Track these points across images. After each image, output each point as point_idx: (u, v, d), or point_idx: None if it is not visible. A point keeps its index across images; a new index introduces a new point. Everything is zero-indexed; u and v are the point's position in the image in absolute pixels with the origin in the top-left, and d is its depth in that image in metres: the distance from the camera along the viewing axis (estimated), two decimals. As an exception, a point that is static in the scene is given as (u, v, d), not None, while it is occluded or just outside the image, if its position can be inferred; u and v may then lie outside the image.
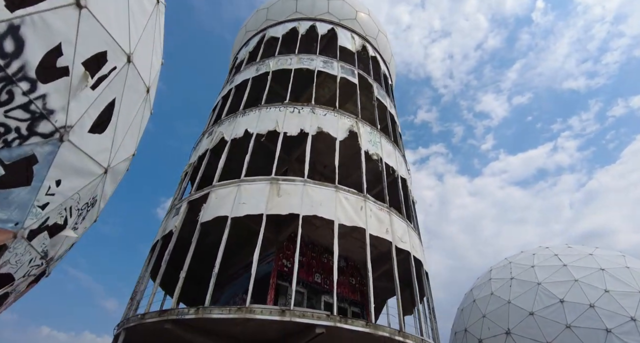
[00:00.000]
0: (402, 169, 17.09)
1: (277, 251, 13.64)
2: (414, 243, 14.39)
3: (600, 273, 19.15)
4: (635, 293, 17.76)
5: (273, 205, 11.58)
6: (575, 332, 16.93)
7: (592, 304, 17.45)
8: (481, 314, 20.83)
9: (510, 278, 21.22)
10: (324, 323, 9.32)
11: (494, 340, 19.31)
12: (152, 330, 10.91)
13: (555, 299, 18.35)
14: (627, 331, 16.45)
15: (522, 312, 18.82)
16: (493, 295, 21.10)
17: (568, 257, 21.14)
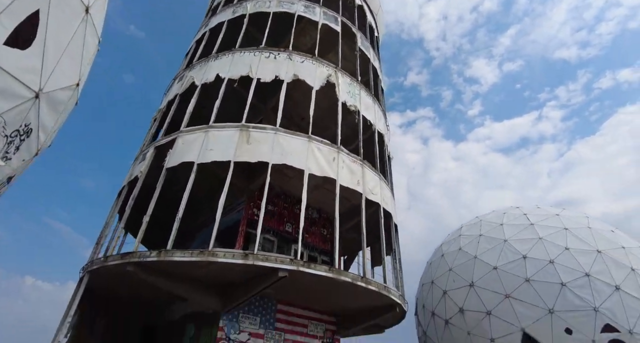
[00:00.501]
0: (380, 124, 16.75)
1: (248, 200, 13.47)
2: (385, 196, 14.40)
3: (563, 232, 19.84)
4: (593, 251, 18.55)
5: (242, 153, 11.22)
6: (533, 285, 17.77)
7: (552, 260, 18.21)
8: (448, 268, 21.62)
9: (479, 235, 21.86)
10: (287, 267, 9.36)
11: (457, 291, 20.20)
12: (115, 273, 10.84)
13: (518, 255, 19.07)
14: (580, 285, 17.34)
15: (486, 266, 19.57)
16: (461, 251, 21.81)
17: (536, 217, 21.76)
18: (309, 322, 13.78)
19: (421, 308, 23.71)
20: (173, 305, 15.35)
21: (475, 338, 18.65)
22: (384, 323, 16.49)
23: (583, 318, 16.67)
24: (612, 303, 16.88)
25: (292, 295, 12.69)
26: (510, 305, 17.86)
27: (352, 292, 11.59)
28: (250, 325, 11.97)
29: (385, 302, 12.61)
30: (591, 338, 16.32)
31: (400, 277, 14.78)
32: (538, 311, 17.24)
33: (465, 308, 19.37)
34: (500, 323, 17.89)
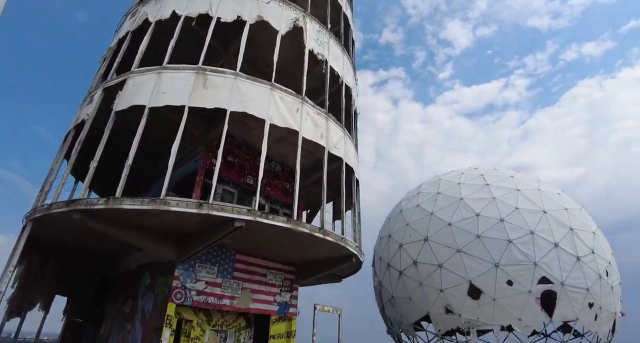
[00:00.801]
0: (348, 77, 16.19)
1: (206, 149, 12.89)
2: (349, 151, 14.26)
3: (515, 193, 20.85)
4: (539, 211, 19.74)
5: (197, 97, 10.48)
6: (483, 241, 18.84)
7: (502, 219, 19.25)
8: (405, 223, 22.43)
9: (437, 192, 22.59)
10: (244, 217, 9.16)
11: (412, 245, 21.14)
12: (61, 221, 10.25)
13: (472, 213, 19.98)
14: (524, 242, 18.58)
15: (441, 222, 20.44)
16: (419, 207, 22.56)
17: (492, 178, 22.65)
18: (267, 271, 13.97)
19: (378, 260, 24.79)
20: (129, 255, 15.03)
21: (426, 289, 19.86)
22: (341, 273, 17.09)
23: (523, 272, 18.05)
24: (550, 258, 18.31)
25: (251, 245, 12.67)
26: (461, 259, 18.96)
27: (311, 243, 11.70)
28: (208, 274, 11.94)
29: (342, 253, 12.90)
30: (528, 289, 17.80)
31: (359, 230, 15.10)
32: (485, 265, 18.44)
33: (419, 261, 20.40)
34: (450, 275, 19.07)
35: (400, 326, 22.25)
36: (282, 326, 14.14)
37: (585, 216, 21.57)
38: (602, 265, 19.50)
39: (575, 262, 18.49)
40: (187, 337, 12.33)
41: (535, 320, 18.03)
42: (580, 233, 19.51)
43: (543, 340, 23.52)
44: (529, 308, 17.73)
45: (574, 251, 18.70)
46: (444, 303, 19.20)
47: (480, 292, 18.37)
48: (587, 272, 18.56)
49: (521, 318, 17.77)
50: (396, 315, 22.43)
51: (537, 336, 23.61)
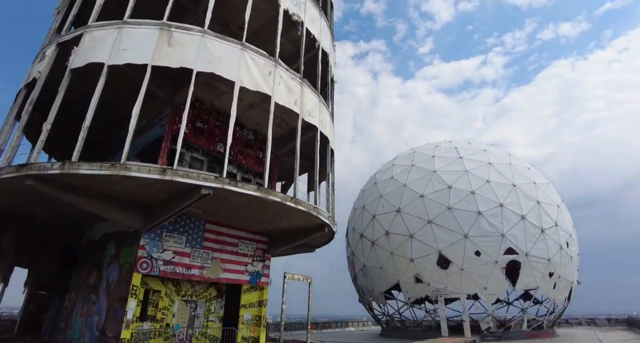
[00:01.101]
0: (325, 41, 15.50)
1: (173, 113, 12.15)
2: (324, 120, 13.84)
3: (487, 166, 21.18)
4: (509, 185, 20.18)
5: (161, 56, 9.68)
6: (454, 212, 19.19)
7: (473, 191, 19.58)
8: (379, 194, 22.54)
9: (411, 164, 22.68)
10: (211, 184, 8.72)
11: (385, 216, 21.34)
12: (12, 187, 9.50)
13: (444, 185, 20.21)
14: (493, 214, 19.05)
15: (414, 194, 20.62)
16: (392, 179, 22.65)
17: (465, 151, 22.88)
18: (239, 241, 13.71)
19: (351, 231, 25.03)
20: (94, 225, 14.38)
21: (397, 258, 20.26)
22: (314, 243, 17.07)
23: (491, 243, 18.61)
24: (517, 230, 18.91)
25: (222, 215, 12.29)
26: (431, 229, 19.31)
27: (283, 212, 11.45)
28: (176, 244, 11.55)
29: (315, 223, 12.75)
30: (495, 259, 18.42)
31: (332, 200, 14.96)
32: (454, 235, 18.87)
33: (391, 231, 20.68)
34: (421, 246, 19.45)
35: (371, 294, 22.82)
36: (253, 295, 14.08)
37: (551, 190, 22.31)
38: (563, 237, 20.38)
39: (540, 234, 19.21)
40: (155, 307, 12.06)
41: (500, 288, 18.82)
42: (546, 206, 20.18)
43: (505, 307, 24.80)
44: (494, 278, 18.44)
45: (539, 223, 19.39)
46: (413, 272, 19.70)
47: (449, 262, 18.90)
48: (549, 244, 19.36)
49: (487, 287, 18.50)
50: (367, 284, 22.94)
51: (500, 304, 24.87)
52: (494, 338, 18.09)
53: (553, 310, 20.97)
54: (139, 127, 13.70)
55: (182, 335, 12.60)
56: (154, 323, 11.87)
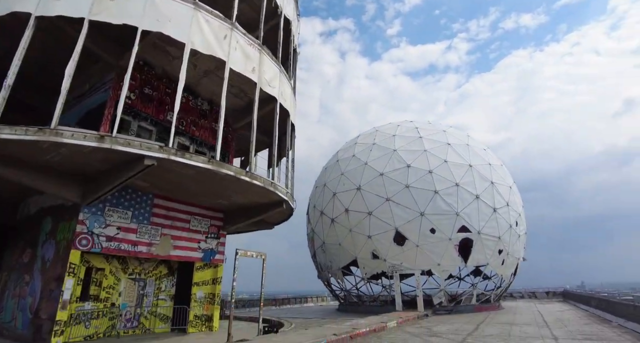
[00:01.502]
0: (288, 8, 14.69)
1: (118, 77, 11.07)
2: (284, 91, 13.24)
3: (446, 146, 21.54)
4: (466, 165, 20.69)
5: (101, 10, 8.62)
6: (411, 191, 19.46)
7: (431, 170, 19.90)
8: (340, 172, 22.43)
9: (373, 143, 22.65)
10: (155, 154, 8.02)
11: (345, 193, 21.32)
12: None
13: (403, 164, 20.38)
14: (449, 193, 19.52)
15: (374, 172, 20.67)
16: (354, 157, 22.56)
17: (425, 131, 23.12)
18: (191, 217, 13.08)
19: (312, 208, 24.91)
20: (29, 198, 13.16)
21: (355, 235, 20.41)
22: (273, 220, 16.74)
23: (446, 221, 19.13)
24: (471, 209, 19.54)
25: (172, 189, 11.58)
26: (389, 207, 19.52)
27: (238, 187, 10.95)
28: (120, 219, 10.77)
29: (272, 199, 12.37)
30: (449, 236, 19.00)
31: (292, 176, 14.59)
32: (411, 213, 19.21)
33: (350, 209, 20.74)
34: (378, 223, 19.67)
35: (330, 271, 23.04)
36: (207, 273, 13.63)
37: (505, 172, 23.18)
38: (513, 216, 21.36)
39: (492, 213, 19.98)
40: (98, 286, 11.34)
41: (452, 265, 19.54)
42: (499, 186, 20.95)
43: (457, 283, 26.00)
44: (447, 254, 19.07)
45: (492, 203, 20.14)
46: (371, 249, 19.97)
47: (405, 239, 19.29)
48: (500, 222, 20.22)
49: (440, 264, 19.13)
50: (326, 261, 23.09)
51: (453, 279, 26.02)
52: (445, 312, 18.90)
53: (500, 285, 22.21)
54: (81, 92, 12.53)
55: (130, 314, 12.01)
56: (98, 302, 11.17)
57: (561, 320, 14.14)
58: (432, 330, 11.72)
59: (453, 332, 10.93)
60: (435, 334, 10.50)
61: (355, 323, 12.14)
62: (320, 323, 15.36)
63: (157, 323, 12.57)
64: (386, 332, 11.26)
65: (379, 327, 11.55)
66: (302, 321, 16.67)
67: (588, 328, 11.57)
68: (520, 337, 9.63)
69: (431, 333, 10.82)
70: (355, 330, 9.95)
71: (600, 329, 11.13)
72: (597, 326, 12.02)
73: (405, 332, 11.34)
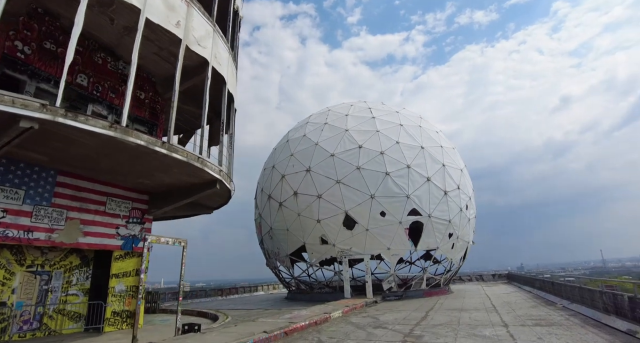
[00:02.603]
0: (226, -37, 13.04)
1: (5, 25, 9.03)
2: (219, 54, 11.73)
3: (398, 128, 21.00)
4: (418, 147, 20.30)
5: None
6: (362, 173, 18.75)
7: (383, 152, 19.27)
8: (290, 153, 21.25)
9: (325, 123, 21.63)
10: (35, 114, 6.36)
11: (295, 176, 20.23)
12: None
13: (355, 145, 19.58)
14: (400, 175, 19.04)
15: (325, 153, 19.71)
16: (305, 137, 21.45)
17: (378, 112, 22.46)
18: (108, 199, 11.37)
19: (260, 192, 23.62)
20: None
21: (304, 219, 19.46)
22: (211, 204, 15.32)
23: (396, 204, 18.66)
24: (421, 192, 19.21)
25: (77, 164, 9.82)
26: (340, 189, 18.71)
27: (159, 163, 9.43)
28: (7, 200, 8.91)
29: (204, 178, 10.97)
30: (399, 220, 18.57)
31: (231, 154, 13.23)
32: (362, 196, 18.52)
33: (299, 192, 19.70)
34: (328, 206, 18.82)
35: (278, 257, 22.01)
36: (129, 263, 12.04)
37: (456, 155, 23.16)
38: (464, 200, 21.40)
39: (443, 196, 19.81)
40: (-19, 281, 9.45)
41: (403, 249, 19.19)
42: (450, 169, 20.82)
43: (408, 267, 26.03)
44: (397, 238, 18.67)
45: (443, 186, 19.96)
46: (320, 233, 19.14)
47: (354, 223, 18.63)
48: (451, 206, 20.13)
49: (390, 248, 18.70)
50: (274, 247, 22.02)
51: (404, 264, 26.02)
52: (395, 298, 18.60)
53: (450, 268, 22.38)
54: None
55: (28, 314, 10.21)
56: (-19, 302, 9.32)
57: (509, 304, 14.14)
58: (378, 319, 11.06)
59: (400, 322, 10.32)
60: (381, 325, 9.80)
61: (295, 316, 11.20)
62: (262, 314, 14.35)
63: (65, 323, 10.88)
64: (328, 324, 10.43)
65: (322, 319, 10.70)
66: (243, 313, 15.57)
67: (535, 311, 11.46)
68: (470, 325, 9.14)
69: (377, 324, 10.12)
70: (293, 324, 8.99)
71: (547, 312, 11.03)
72: (544, 309, 11.99)
73: (349, 323, 10.57)
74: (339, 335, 8.38)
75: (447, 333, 8.18)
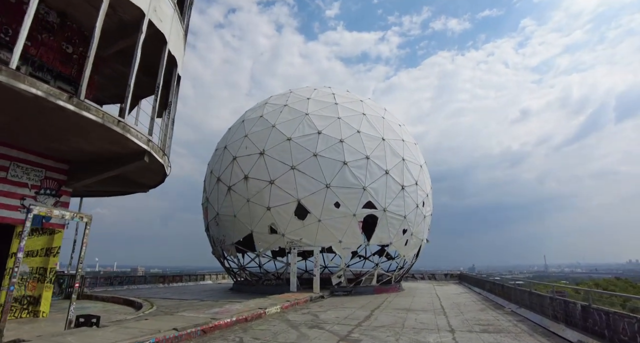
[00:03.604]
0: None
1: None
2: (160, 8, 10.46)
3: (360, 116, 20.40)
4: (379, 138, 19.80)
5: None
6: (319, 160, 18.00)
7: (342, 140, 18.60)
8: (244, 133, 20.11)
9: (285, 104, 20.63)
10: None
11: (247, 158, 19.17)
12: None
13: (314, 130, 18.77)
14: (359, 166, 18.48)
15: (281, 136, 18.77)
16: (262, 118, 20.37)
17: (342, 99, 21.76)
18: (11, 163, 9.88)
19: (209, 174, 22.34)
20: None
21: (253, 206, 18.47)
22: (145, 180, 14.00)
23: (352, 195, 18.08)
24: (379, 184, 18.74)
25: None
26: (294, 176, 17.87)
27: (69, 123, 8.14)
28: None
29: (130, 148, 9.75)
30: (353, 212, 18.02)
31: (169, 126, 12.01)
32: (316, 185, 17.78)
33: (250, 176, 18.65)
34: (280, 193, 17.94)
35: (223, 245, 20.89)
36: (37, 241, 10.61)
37: (417, 150, 22.91)
38: (421, 196, 21.21)
39: (400, 191, 19.46)
40: None
41: (355, 242, 18.68)
42: (410, 164, 20.51)
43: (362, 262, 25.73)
44: (350, 231, 18.14)
45: (401, 180, 19.61)
46: (269, 222, 18.23)
47: (307, 212, 17.88)
48: (407, 201, 19.84)
49: (342, 240, 18.13)
50: (219, 234, 20.90)
51: (358, 258, 25.68)
52: (343, 293, 18.09)
53: (402, 265, 22.21)
54: None
55: None
56: None
57: (458, 305, 13.93)
58: (318, 317, 10.35)
59: (341, 321, 9.65)
60: (319, 324, 9.07)
61: (223, 311, 10.26)
62: (193, 306, 13.37)
63: (-52, 306, 9.33)
64: (260, 322, 9.59)
65: (254, 315, 9.85)
66: (173, 303, 14.48)
67: (484, 315, 11.20)
68: (415, 329, 8.58)
69: (314, 323, 9.39)
70: (215, 321, 8.05)
71: (495, 317, 10.78)
72: (492, 313, 11.78)
73: (285, 320, 9.79)
74: (266, 336, 7.53)
75: (387, 337, 7.56)
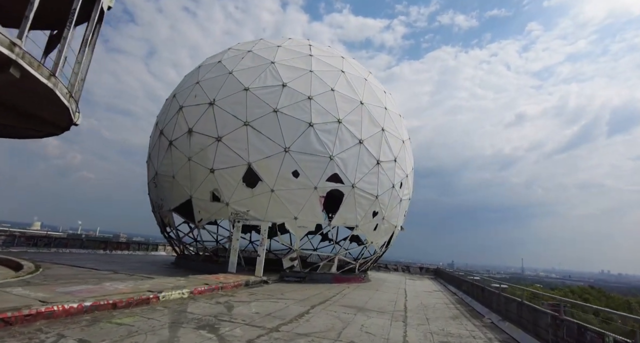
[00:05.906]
0: None
1: None
2: None
3: (338, 73, 18.24)
4: (356, 101, 17.66)
5: None
6: (280, 117, 15.82)
7: (311, 97, 16.38)
8: (196, 80, 17.64)
9: (248, 51, 18.13)
10: None
11: (194, 108, 16.87)
12: None
13: (279, 81, 16.46)
14: (327, 130, 16.35)
15: (238, 85, 16.45)
16: (219, 64, 17.97)
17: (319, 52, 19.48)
18: None
19: (155, 127, 19.92)
20: None
21: (194, 166, 16.22)
22: (49, 117, 11.63)
23: (315, 164, 15.98)
24: (349, 155, 16.66)
25: None
26: (246, 134, 15.63)
27: None
28: None
29: None
30: (315, 184, 15.93)
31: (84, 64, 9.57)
32: (273, 147, 15.60)
33: (195, 130, 16.34)
34: (228, 153, 15.72)
35: (161, 211, 18.66)
36: None
37: (401, 124, 20.79)
38: (399, 175, 19.22)
39: (374, 166, 17.44)
40: None
41: (313, 221, 16.67)
42: (390, 137, 18.44)
43: (331, 246, 23.76)
44: (309, 207, 16.10)
45: (377, 154, 17.56)
46: (212, 187, 16.07)
47: (258, 180, 15.71)
48: (382, 179, 17.86)
49: (297, 217, 16.08)
50: (157, 198, 18.70)
51: (328, 242, 23.78)
52: (295, 280, 16.16)
53: (372, 254, 20.38)
54: None
55: None
56: None
57: (425, 308, 12.09)
58: (230, 311, 8.23)
59: (256, 321, 7.44)
60: (216, 324, 6.82)
61: (90, 289, 8.19)
62: (83, 278, 11.30)
63: None
64: (138, 311, 7.45)
65: (136, 300, 7.75)
66: (72, 272, 12.48)
67: (455, 327, 9.25)
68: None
69: (216, 320, 7.18)
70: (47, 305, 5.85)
71: (470, 332, 8.81)
72: (467, 324, 9.85)
73: (175, 311, 7.60)
74: (109, 336, 5.29)
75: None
